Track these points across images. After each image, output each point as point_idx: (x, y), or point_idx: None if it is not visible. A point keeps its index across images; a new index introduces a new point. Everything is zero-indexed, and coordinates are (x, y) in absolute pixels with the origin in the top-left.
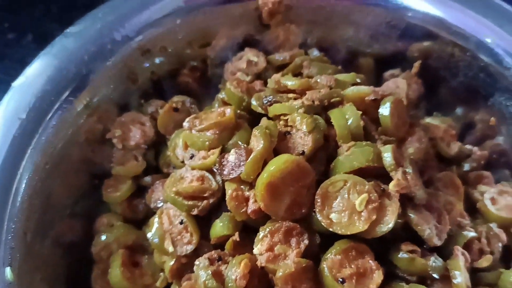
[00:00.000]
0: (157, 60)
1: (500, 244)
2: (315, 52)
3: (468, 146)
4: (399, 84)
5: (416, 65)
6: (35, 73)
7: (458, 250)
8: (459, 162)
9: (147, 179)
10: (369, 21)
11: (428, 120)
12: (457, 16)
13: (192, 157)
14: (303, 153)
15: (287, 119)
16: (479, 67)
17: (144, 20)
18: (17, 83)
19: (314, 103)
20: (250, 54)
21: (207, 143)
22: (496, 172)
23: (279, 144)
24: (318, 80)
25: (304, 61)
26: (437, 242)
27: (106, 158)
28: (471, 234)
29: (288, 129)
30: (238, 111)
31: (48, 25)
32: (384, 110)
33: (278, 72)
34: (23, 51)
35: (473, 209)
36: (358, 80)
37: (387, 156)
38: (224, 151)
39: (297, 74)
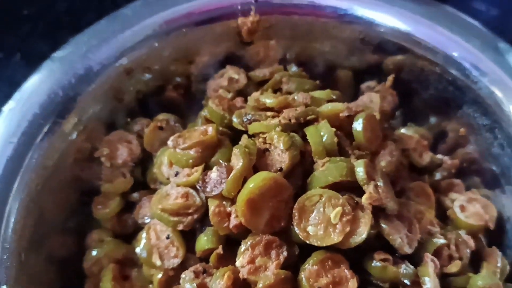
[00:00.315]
0: (142, 79)
1: (468, 250)
2: (293, 68)
3: (439, 156)
4: (373, 99)
5: (390, 78)
6: (25, 97)
7: (428, 257)
8: (431, 171)
9: (135, 195)
10: (345, 37)
11: (402, 130)
12: (426, 32)
13: (176, 174)
14: (281, 169)
15: (266, 137)
16: (448, 80)
17: (125, 43)
18: (7, 107)
19: (290, 121)
20: (231, 72)
21: (190, 161)
22: (467, 179)
23: (259, 161)
24: (295, 98)
25: (283, 77)
26: (408, 250)
27: (95, 176)
28: (441, 241)
29: (267, 146)
30: (220, 128)
31: (36, 44)
32: (357, 125)
33: (259, 87)
34: (12, 70)
35: (445, 216)
36: (334, 97)
37: (360, 171)
38: (207, 168)
39: (276, 89)
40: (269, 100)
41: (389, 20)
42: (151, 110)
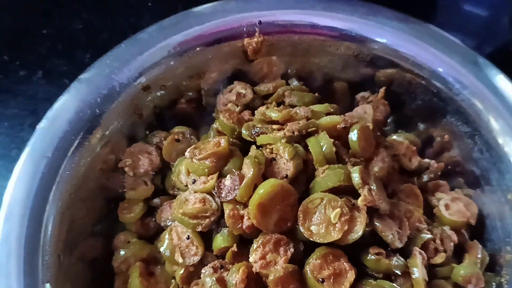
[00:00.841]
0: (158, 95)
1: (452, 244)
2: (294, 82)
3: (426, 160)
4: (366, 110)
5: (382, 90)
6: (56, 116)
7: (416, 250)
8: (420, 173)
9: (156, 200)
10: (341, 53)
11: (394, 137)
12: (413, 49)
13: (194, 182)
14: (286, 176)
15: (272, 148)
16: (433, 92)
17: (143, 64)
18: (40, 125)
19: (294, 133)
20: (238, 87)
21: (206, 170)
22: (452, 180)
23: (266, 169)
24: (298, 111)
25: (286, 91)
26: (398, 244)
27: (119, 184)
28: (427, 236)
29: (274, 155)
30: (231, 139)
31: (55, 62)
32: (353, 136)
33: (264, 100)
34: (35, 87)
35: (432, 214)
36: (331, 110)
37: (355, 177)
38: (221, 176)
39: (280, 102)
40: (274, 114)
41: (380, 38)
42: (167, 122)
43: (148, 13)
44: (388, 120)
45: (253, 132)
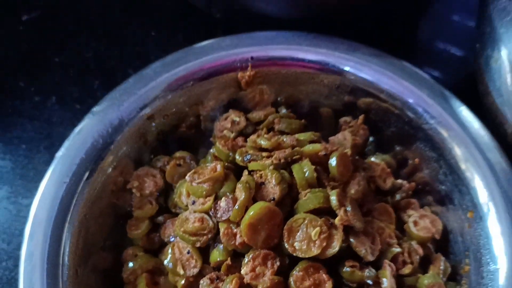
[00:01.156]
0: (161, 122)
1: (418, 257)
2: (283, 110)
3: (399, 181)
4: (346, 137)
5: (361, 117)
6: (72, 145)
7: (386, 262)
8: (393, 193)
9: (160, 218)
10: (325, 83)
11: (372, 158)
12: (388, 82)
13: (193, 203)
14: (273, 199)
15: (261, 173)
16: (405, 121)
17: (148, 97)
18: (59, 154)
19: (280, 161)
20: (233, 115)
21: (204, 192)
22: (422, 198)
23: (256, 192)
24: (284, 140)
25: (275, 119)
26: (371, 258)
27: (127, 203)
28: (397, 250)
29: (263, 180)
30: (226, 163)
31: (68, 88)
32: (332, 162)
33: (256, 126)
34: (49, 112)
35: (403, 229)
36: (314, 138)
37: (333, 199)
38: (217, 198)
39: (270, 128)
40: (264, 142)
41: (358, 72)
42: (169, 145)
43: (151, 41)
44: (371, 139)
45: (245, 159)
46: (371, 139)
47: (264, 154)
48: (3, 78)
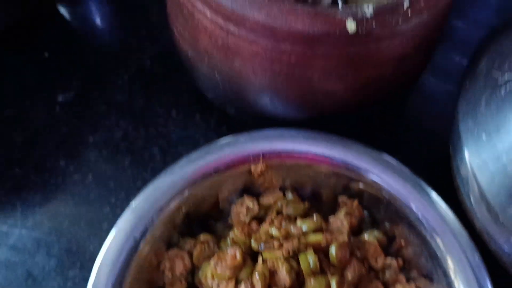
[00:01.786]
0: (188, 208)
1: None
2: (289, 196)
3: (388, 259)
4: (343, 223)
5: (355, 202)
6: (120, 232)
7: None
8: (383, 270)
9: None
10: (324, 170)
11: (366, 236)
12: (377, 173)
13: (218, 286)
14: (284, 286)
15: (273, 262)
16: (391, 209)
17: (176, 190)
18: (108, 240)
19: (289, 253)
20: (247, 201)
21: (226, 276)
22: (409, 272)
23: (270, 279)
24: (291, 230)
25: (283, 204)
26: None
27: (161, 281)
28: None
29: (275, 268)
30: (243, 248)
31: (102, 166)
32: (332, 251)
33: (267, 210)
34: (87, 190)
35: None
36: (317, 226)
37: (333, 285)
38: (237, 281)
39: (279, 211)
40: (275, 232)
41: (350, 165)
42: (193, 227)
43: (172, 122)
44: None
45: (260, 248)
46: (366, 213)
47: (276, 243)
48: (45, 158)
